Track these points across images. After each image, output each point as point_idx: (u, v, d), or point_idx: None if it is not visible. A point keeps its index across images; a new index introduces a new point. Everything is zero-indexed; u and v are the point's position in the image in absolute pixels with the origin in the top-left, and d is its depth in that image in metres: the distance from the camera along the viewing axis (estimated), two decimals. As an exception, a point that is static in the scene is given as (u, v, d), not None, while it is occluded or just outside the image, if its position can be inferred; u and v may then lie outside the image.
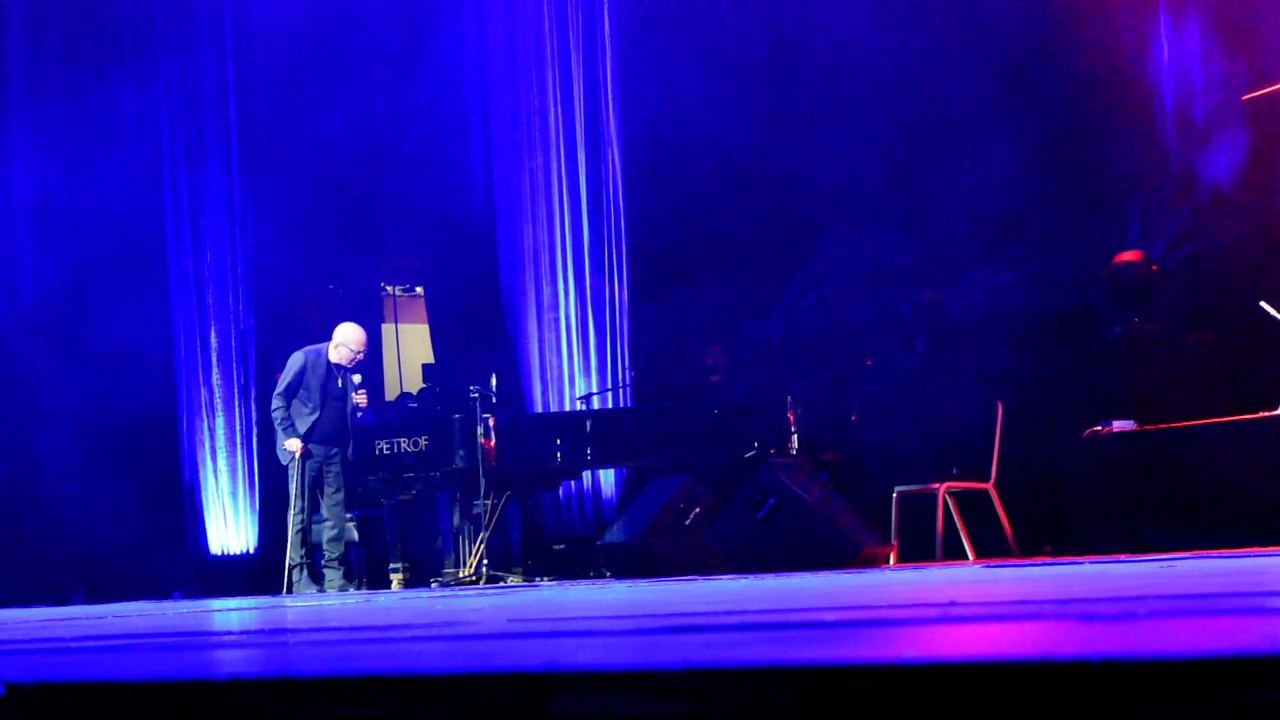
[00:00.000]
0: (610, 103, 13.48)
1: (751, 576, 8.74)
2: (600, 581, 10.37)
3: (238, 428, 13.76)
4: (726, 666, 2.10)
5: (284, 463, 10.73)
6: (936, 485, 10.05)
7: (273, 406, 10.73)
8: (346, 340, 10.81)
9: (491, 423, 10.96)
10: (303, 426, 10.57)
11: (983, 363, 11.17)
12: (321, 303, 14.37)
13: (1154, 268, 10.45)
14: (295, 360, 10.70)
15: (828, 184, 12.29)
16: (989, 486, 10.05)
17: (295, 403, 10.61)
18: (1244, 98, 10.07)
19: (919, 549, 10.10)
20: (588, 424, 11.33)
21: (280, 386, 10.67)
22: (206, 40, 14.06)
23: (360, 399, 10.90)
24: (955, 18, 11.54)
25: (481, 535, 10.98)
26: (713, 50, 12.73)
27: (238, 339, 13.89)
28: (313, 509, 10.55)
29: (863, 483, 10.88)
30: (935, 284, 11.80)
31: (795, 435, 10.74)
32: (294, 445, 10.51)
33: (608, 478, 13.20)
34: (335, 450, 10.64)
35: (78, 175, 13.92)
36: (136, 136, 14.10)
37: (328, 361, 10.70)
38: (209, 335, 13.90)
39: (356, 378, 10.84)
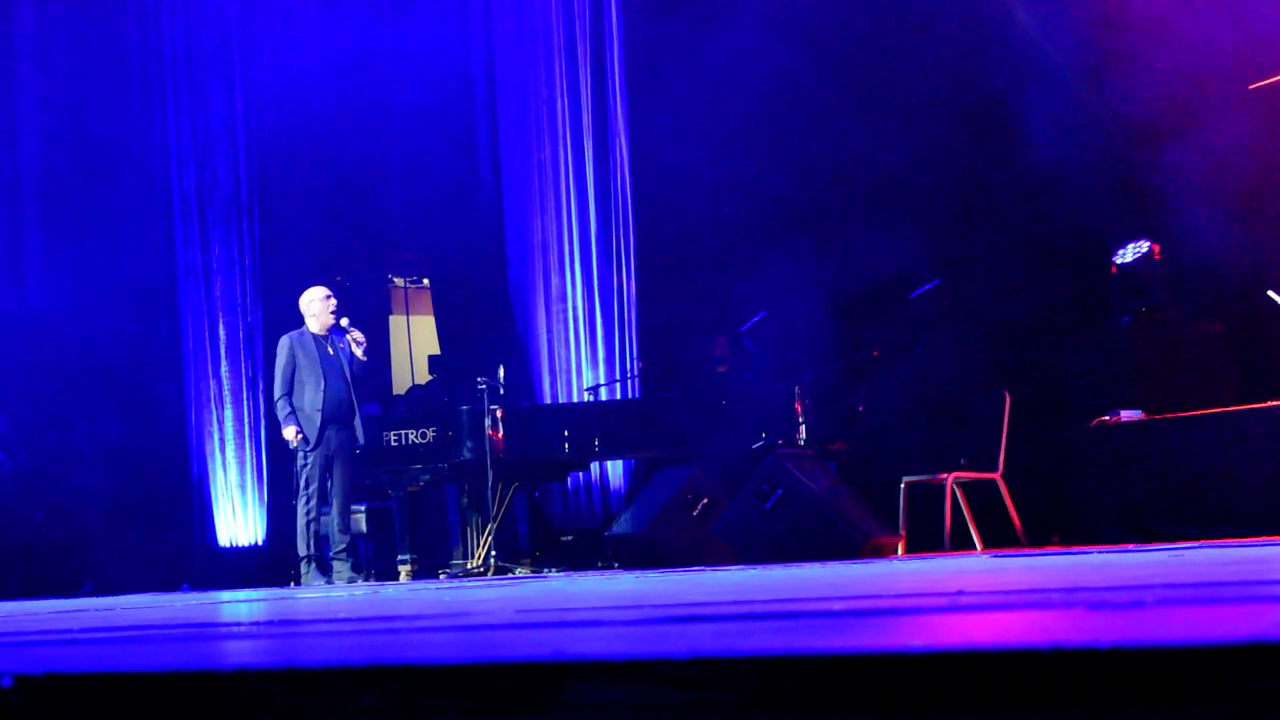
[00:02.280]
0: (618, 93, 13.47)
1: (759, 567, 8.74)
2: (608, 572, 10.38)
3: (246, 420, 13.78)
4: (734, 656, 2.10)
5: (301, 450, 10.51)
6: (944, 475, 10.05)
7: (276, 404, 10.54)
8: (310, 302, 10.56)
9: (499, 414, 10.96)
10: (316, 404, 10.32)
11: (990, 352, 11.18)
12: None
13: (1157, 257, 10.44)
14: (281, 345, 10.53)
15: (836, 176, 12.28)
16: (997, 476, 10.05)
17: (298, 387, 10.41)
18: (1250, 87, 10.05)
19: (927, 539, 10.10)
20: (596, 415, 11.34)
21: (277, 379, 10.48)
22: (212, 30, 14.06)
23: (356, 335, 10.51)
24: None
25: (489, 527, 10.98)
26: (720, 42, 12.72)
27: (245, 332, 13.90)
28: (320, 500, 10.49)
29: (870, 473, 10.88)
30: (941, 277, 11.79)
31: (803, 426, 10.75)
32: (289, 433, 10.41)
33: (616, 469, 13.20)
34: (345, 433, 10.49)
35: (85, 169, 13.93)
36: (143, 128, 14.11)
37: (312, 335, 10.52)
38: (217, 328, 13.92)
39: (344, 321, 10.55)
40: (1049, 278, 11.26)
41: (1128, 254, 10.50)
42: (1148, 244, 10.50)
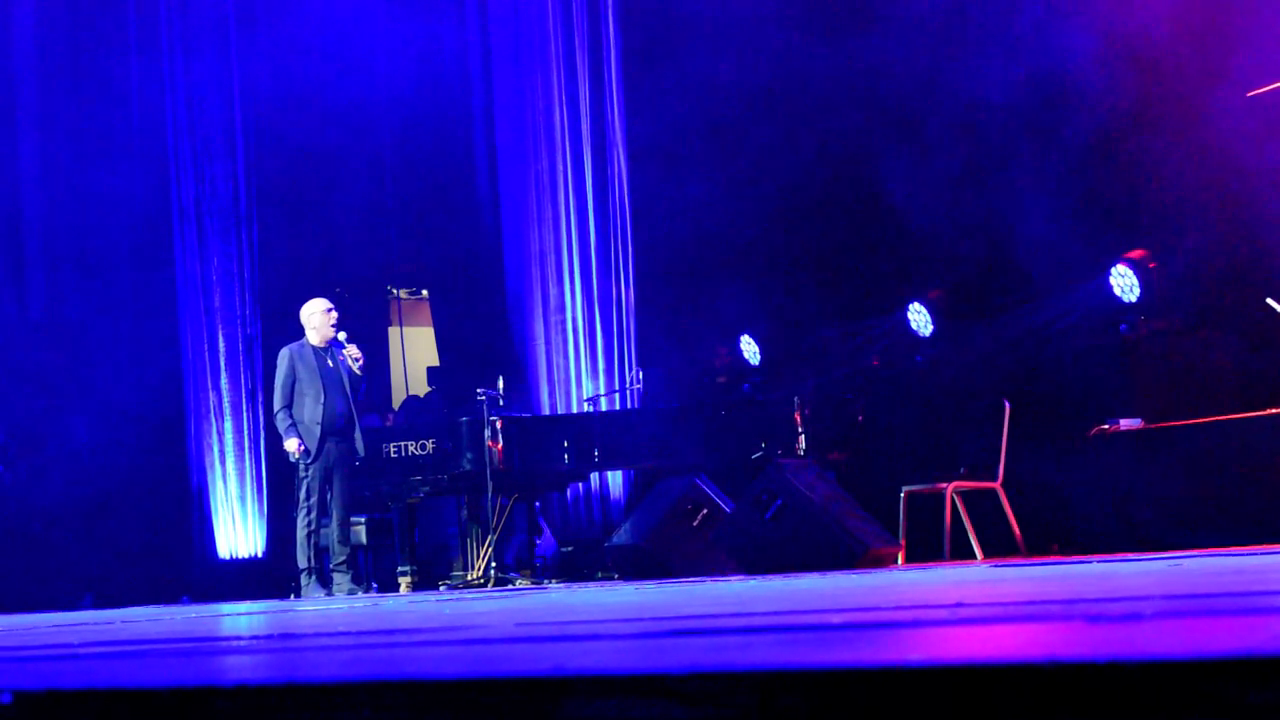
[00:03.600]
0: (616, 103, 13.48)
1: (759, 577, 8.74)
2: (608, 583, 10.37)
3: (245, 431, 13.78)
4: (734, 670, 2.10)
5: (301, 462, 10.50)
6: (944, 485, 10.05)
7: (276, 416, 10.52)
8: (311, 314, 10.54)
9: (499, 425, 10.96)
10: (316, 416, 10.31)
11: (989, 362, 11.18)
12: (328, 306, 14.37)
13: (1152, 265, 10.45)
14: (281, 357, 10.52)
15: (833, 182, 12.28)
16: (997, 486, 10.04)
17: (298, 399, 10.39)
18: (1248, 94, 10.06)
19: (927, 548, 10.10)
20: (595, 426, 11.34)
21: (277, 392, 10.46)
22: (211, 42, 14.08)
23: (353, 351, 10.48)
24: (983, 25, 11.50)
25: (489, 538, 10.97)
26: (721, 50, 12.73)
27: (245, 343, 13.91)
28: (320, 512, 10.48)
29: (870, 482, 10.88)
30: (938, 285, 11.80)
31: (802, 436, 10.74)
32: (291, 445, 10.39)
33: (615, 479, 13.20)
34: (344, 446, 10.47)
35: (84, 179, 13.94)
36: (143, 140, 14.13)
37: (312, 348, 10.51)
38: (216, 339, 13.92)
39: (342, 335, 10.53)
40: (1048, 288, 11.27)
41: (1124, 288, 10.53)
42: (1135, 278, 10.49)
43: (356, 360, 10.43)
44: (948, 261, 11.72)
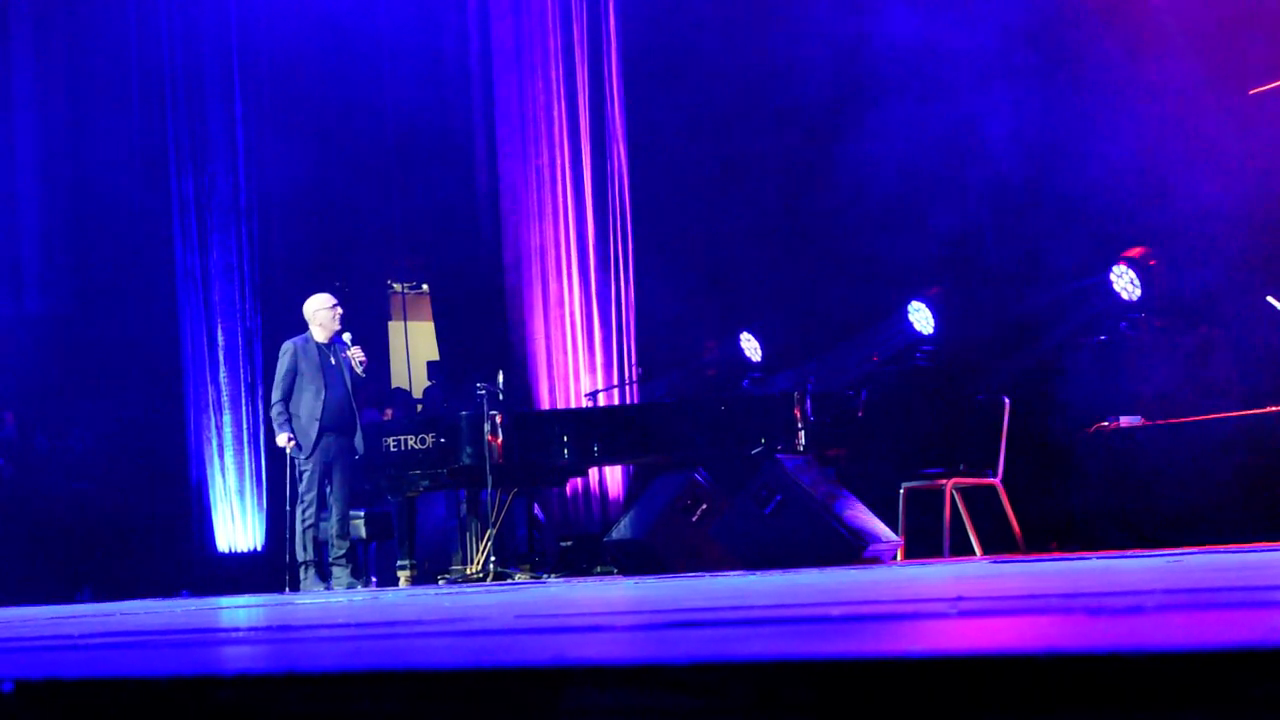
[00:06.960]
0: (616, 98, 13.47)
1: (758, 572, 8.74)
2: (607, 578, 10.38)
3: (244, 425, 13.77)
4: (734, 661, 2.10)
5: (295, 456, 10.49)
6: (944, 481, 10.05)
7: (272, 409, 10.50)
8: (317, 310, 10.53)
9: (498, 420, 10.96)
10: (315, 412, 10.30)
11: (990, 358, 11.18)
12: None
13: (1151, 263, 10.46)
14: (284, 350, 10.50)
15: (836, 181, 12.28)
16: (996, 482, 10.04)
17: (297, 394, 10.37)
18: (1250, 91, 10.06)
19: (926, 545, 10.10)
20: (595, 421, 11.33)
21: (276, 384, 10.43)
22: (212, 35, 14.07)
23: (356, 354, 10.46)
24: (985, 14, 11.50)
25: (488, 532, 10.97)
26: (719, 47, 12.73)
27: (244, 337, 13.90)
28: (320, 505, 10.49)
29: (870, 478, 10.88)
30: (945, 282, 11.80)
31: (802, 431, 10.73)
32: (282, 440, 10.39)
33: (614, 474, 13.19)
34: (345, 441, 10.46)
35: (83, 173, 13.93)
36: (143, 134, 14.12)
37: (315, 343, 10.49)
38: (215, 333, 13.91)
39: (347, 336, 10.51)
40: (1048, 284, 11.27)
41: (1125, 286, 10.53)
42: (1135, 276, 10.49)
43: (361, 362, 10.45)
44: (949, 258, 11.73)
